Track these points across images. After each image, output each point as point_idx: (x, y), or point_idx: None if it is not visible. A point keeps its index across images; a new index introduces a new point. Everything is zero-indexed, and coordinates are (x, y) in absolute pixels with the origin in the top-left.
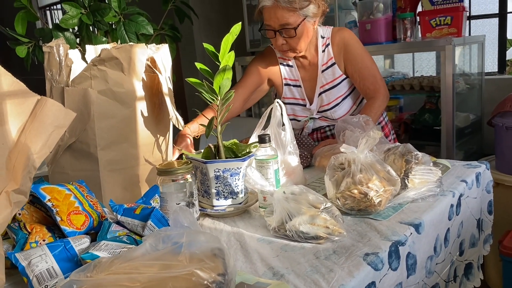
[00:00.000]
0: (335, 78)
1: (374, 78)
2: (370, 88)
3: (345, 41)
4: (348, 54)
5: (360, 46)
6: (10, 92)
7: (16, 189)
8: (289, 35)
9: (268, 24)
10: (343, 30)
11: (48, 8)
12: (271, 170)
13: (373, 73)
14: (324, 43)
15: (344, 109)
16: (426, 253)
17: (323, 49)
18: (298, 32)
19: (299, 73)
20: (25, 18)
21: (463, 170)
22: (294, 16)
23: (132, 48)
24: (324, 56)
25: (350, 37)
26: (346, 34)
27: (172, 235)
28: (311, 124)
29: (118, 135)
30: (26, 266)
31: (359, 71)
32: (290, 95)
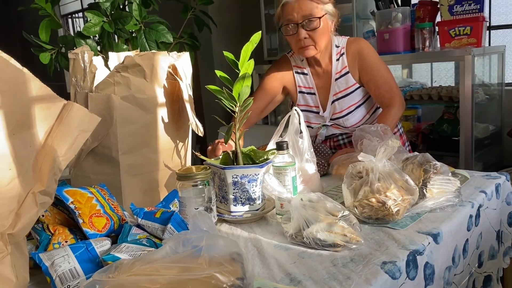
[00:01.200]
0: (348, 86)
1: (390, 86)
2: (385, 96)
3: (360, 51)
4: (363, 62)
5: (375, 55)
6: (38, 96)
7: (42, 190)
8: (312, 27)
9: (290, 19)
10: (359, 40)
11: (70, 16)
12: (289, 177)
13: (388, 82)
14: (338, 52)
15: (357, 118)
16: (444, 263)
17: (337, 58)
18: (321, 24)
19: (313, 80)
20: (49, 26)
21: (483, 181)
22: (317, 9)
23: (155, 55)
24: (338, 65)
25: (365, 47)
26: (361, 44)
27: (191, 239)
28: (323, 131)
29: (139, 140)
30: (50, 266)
31: (374, 80)
32: (303, 103)
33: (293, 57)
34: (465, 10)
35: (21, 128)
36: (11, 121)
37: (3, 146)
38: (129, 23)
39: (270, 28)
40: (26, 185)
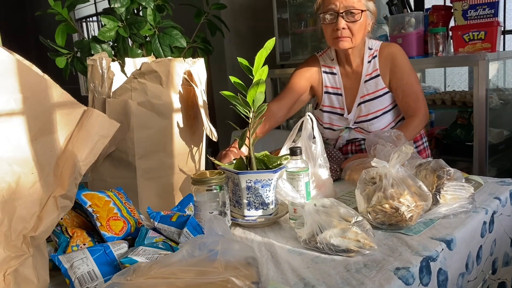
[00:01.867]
0: (377, 89)
1: (417, 96)
2: (411, 106)
3: (394, 55)
4: (395, 68)
5: (407, 63)
6: (59, 103)
7: (63, 194)
8: (352, 19)
9: (332, 8)
10: (393, 45)
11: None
12: (302, 183)
13: (416, 92)
14: (371, 54)
15: (383, 124)
16: (457, 270)
17: (369, 60)
18: (361, 18)
19: (342, 80)
20: (65, 31)
21: (497, 187)
22: (360, 3)
23: (171, 62)
24: (369, 67)
25: (399, 53)
26: (395, 49)
27: (207, 243)
28: (346, 134)
29: (155, 145)
30: (69, 268)
31: (402, 87)
32: (328, 103)
33: (322, 56)
34: (479, 14)
35: (42, 134)
36: (33, 127)
37: (26, 151)
38: (143, 28)
39: (282, 33)
40: (47, 189)
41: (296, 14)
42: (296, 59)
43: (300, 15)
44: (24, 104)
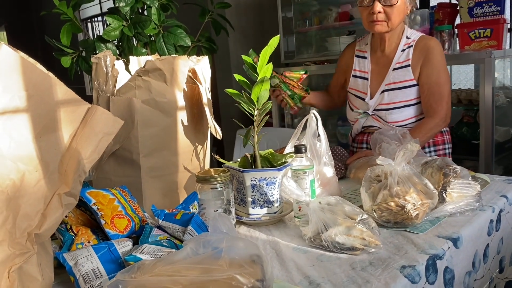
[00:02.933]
0: (404, 80)
1: (441, 98)
2: (432, 106)
3: (430, 49)
4: (427, 63)
5: (442, 60)
6: (64, 100)
7: (67, 192)
8: (389, 3)
9: None
10: (432, 39)
11: (90, 20)
12: (307, 181)
13: (442, 93)
14: (407, 43)
15: (402, 116)
16: (464, 268)
17: (403, 48)
18: (399, 2)
19: (370, 66)
20: (70, 30)
21: (503, 185)
22: None
23: (175, 60)
24: (402, 55)
25: (436, 48)
26: (433, 43)
27: (212, 240)
28: (362, 119)
29: (160, 143)
30: (73, 266)
31: (429, 84)
32: (354, 86)
33: (360, 41)
34: (485, 12)
35: (47, 131)
36: (38, 124)
37: (30, 148)
38: (148, 27)
39: (287, 31)
40: (52, 187)
41: (300, 13)
42: (300, 57)
43: (305, 14)
44: (28, 101)
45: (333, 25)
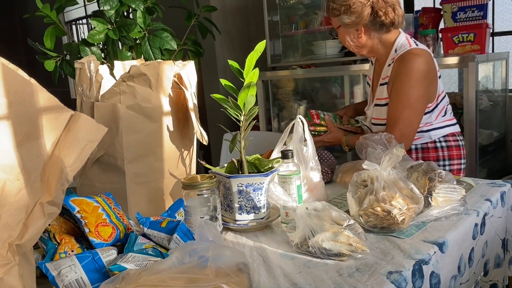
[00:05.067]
0: (382, 98)
1: (396, 116)
2: (388, 122)
3: (403, 62)
4: (396, 76)
5: (411, 77)
6: (46, 107)
7: (49, 200)
8: (335, 34)
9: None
10: (413, 54)
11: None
12: (294, 186)
13: (400, 111)
14: (393, 58)
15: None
16: (450, 272)
17: (389, 63)
18: (339, 34)
19: (373, 74)
20: (54, 33)
21: (488, 189)
22: (333, 21)
23: (160, 65)
24: (388, 71)
25: (409, 62)
26: (409, 57)
27: (198, 249)
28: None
29: (145, 149)
30: (56, 276)
31: (391, 98)
32: (367, 91)
33: None
34: (469, 17)
35: (29, 139)
36: (19, 132)
37: (11, 156)
38: (133, 31)
39: (273, 35)
40: (34, 196)
41: (287, 16)
42: (287, 61)
43: (291, 18)
44: (9, 108)
45: (319, 29)
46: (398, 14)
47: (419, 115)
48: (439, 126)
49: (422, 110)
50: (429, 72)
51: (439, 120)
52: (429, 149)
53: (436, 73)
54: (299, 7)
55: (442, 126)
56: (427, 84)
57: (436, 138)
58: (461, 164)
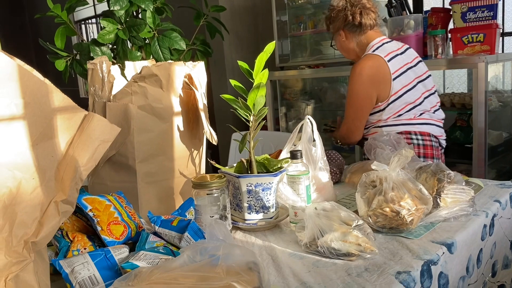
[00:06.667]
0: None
1: (345, 114)
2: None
3: (353, 68)
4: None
5: (355, 80)
6: (60, 107)
7: (64, 199)
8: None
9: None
10: (363, 59)
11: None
12: (303, 186)
13: (347, 109)
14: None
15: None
16: (458, 273)
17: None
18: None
19: None
20: (64, 33)
21: (497, 190)
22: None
23: (171, 65)
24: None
25: (357, 67)
26: (359, 62)
27: (209, 248)
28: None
29: (156, 149)
30: (70, 273)
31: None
32: None
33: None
34: (478, 17)
35: (43, 139)
36: (34, 132)
37: (27, 156)
38: (143, 31)
39: (282, 35)
40: (48, 194)
41: (295, 16)
42: (295, 61)
43: (299, 18)
44: (25, 109)
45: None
46: (368, 17)
47: (362, 113)
48: (393, 123)
49: (366, 108)
50: (376, 75)
51: (392, 119)
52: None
53: (387, 76)
54: (307, 7)
55: (395, 124)
56: (373, 86)
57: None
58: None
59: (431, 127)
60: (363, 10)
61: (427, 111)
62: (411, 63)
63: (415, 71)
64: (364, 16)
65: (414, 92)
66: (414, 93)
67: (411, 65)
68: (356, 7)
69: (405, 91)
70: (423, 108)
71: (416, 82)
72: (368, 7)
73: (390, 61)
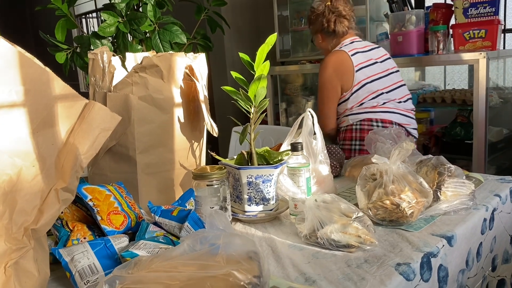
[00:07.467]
0: None
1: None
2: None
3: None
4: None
5: (320, 75)
6: (61, 95)
7: (64, 187)
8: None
9: None
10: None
11: (84, 16)
12: (303, 178)
13: (318, 101)
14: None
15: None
16: (458, 266)
17: None
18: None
19: None
20: (65, 26)
21: (497, 185)
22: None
23: (172, 56)
24: None
25: (322, 63)
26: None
27: (209, 237)
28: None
29: (156, 140)
30: (69, 262)
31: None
32: None
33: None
34: (480, 13)
35: (44, 126)
36: (35, 120)
37: (27, 143)
38: (143, 24)
39: (283, 30)
40: (48, 182)
41: (296, 11)
42: (296, 56)
43: (301, 13)
44: (25, 96)
45: None
46: (341, 25)
47: (329, 103)
48: (356, 112)
49: (332, 98)
50: (340, 68)
51: (356, 107)
52: (347, 131)
53: (350, 68)
54: (308, 2)
55: (358, 112)
56: (337, 77)
57: (354, 122)
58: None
59: (395, 115)
60: (338, 18)
61: (392, 100)
62: (378, 59)
63: (380, 66)
64: (337, 25)
65: (379, 82)
66: (379, 84)
67: (377, 60)
68: (333, 14)
69: (369, 81)
70: (388, 97)
71: (383, 75)
72: (343, 15)
73: (353, 56)
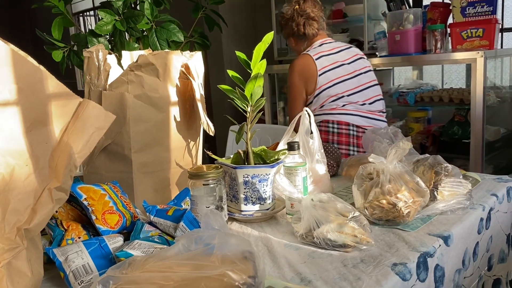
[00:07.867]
0: None
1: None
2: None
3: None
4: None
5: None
6: (55, 94)
7: (58, 186)
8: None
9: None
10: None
11: (82, 14)
12: (300, 178)
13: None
14: None
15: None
16: (454, 266)
17: None
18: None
19: None
20: (62, 24)
21: (494, 184)
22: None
23: (168, 54)
24: None
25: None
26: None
27: (204, 237)
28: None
29: (152, 139)
30: (63, 262)
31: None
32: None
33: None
34: (478, 12)
35: (37, 125)
36: (28, 118)
37: (20, 142)
38: (141, 22)
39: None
40: (42, 181)
41: None
42: (293, 55)
43: None
44: (18, 94)
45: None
46: (310, 28)
47: (295, 104)
48: (317, 114)
49: (298, 99)
50: (304, 72)
51: (317, 110)
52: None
53: (313, 72)
54: None
55: (318, 114)
56: (301, 81)
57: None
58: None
59: (353, 117)
60: (306, 21)
61: (353, 103)
62: (345, 61)
63: (347, 68)
64: (307, 27)
65: (342, 85)
66: (341, 87)
67: (344, 62)
68: (301, 17)
69: (330, 85)
70: (348, 100)
71: (349, 77)
72: (311, 17)
73: (318, 60)
